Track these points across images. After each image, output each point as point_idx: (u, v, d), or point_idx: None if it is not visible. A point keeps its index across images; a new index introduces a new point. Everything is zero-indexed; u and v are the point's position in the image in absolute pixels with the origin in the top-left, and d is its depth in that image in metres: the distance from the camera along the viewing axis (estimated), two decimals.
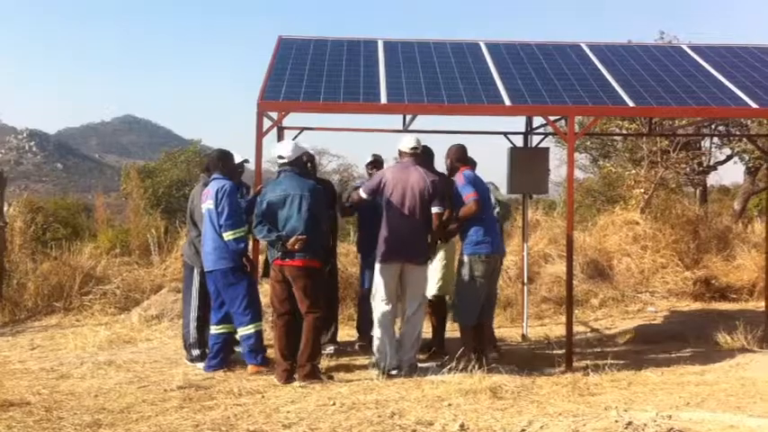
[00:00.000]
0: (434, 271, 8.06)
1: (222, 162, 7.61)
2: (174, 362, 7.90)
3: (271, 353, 7.40)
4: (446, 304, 8.37)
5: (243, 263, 7.31)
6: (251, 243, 7.59)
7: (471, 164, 7.98)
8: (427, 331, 8.22)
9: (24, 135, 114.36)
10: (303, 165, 7.42)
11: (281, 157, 7.18)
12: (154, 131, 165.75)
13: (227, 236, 7.21)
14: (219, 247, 7.27)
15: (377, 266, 7.41)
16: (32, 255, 12.19)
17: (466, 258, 7.57)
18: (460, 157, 7.76)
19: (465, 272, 7.57)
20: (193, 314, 7.80)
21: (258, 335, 7.34)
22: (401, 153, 7.59)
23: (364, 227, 8.44)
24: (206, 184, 7.78)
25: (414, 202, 7.27)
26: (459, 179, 7.56)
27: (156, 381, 6.99)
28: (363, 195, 7.52)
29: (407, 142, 7.57)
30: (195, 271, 7.81)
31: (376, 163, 8.76)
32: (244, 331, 7.31)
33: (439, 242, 7.80)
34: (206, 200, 7.42)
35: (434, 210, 7.34)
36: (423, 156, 7.78)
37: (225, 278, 7.32)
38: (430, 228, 7.40)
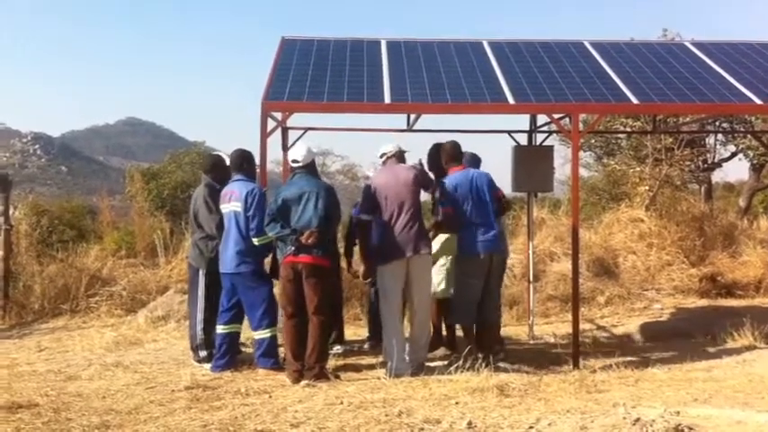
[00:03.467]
0: (437, 272, 8.03)
1: (246, 162, 7.61)
2: (182, 363, 7.91)
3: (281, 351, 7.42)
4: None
5: (264, 267, 7.34)
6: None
7: (475, 160, 8.00)
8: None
9: (29, 138, 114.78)
10: (315, 167, 7.48)
11: (295, 161, 7.23)
12: (158, 133, 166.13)
13: (258, 241, 7.23)
14: (243, 250, 7.29)
15: (383, 268, 7.40)
16: (38, 257, 12.21)
17: (458, 258, 7.58)
18: (447, 159, 7.79)
19: (457, 271, 7.60)
20: (200, 315, 7.79)
21: (273, 339, 7.36)
22: (384, 159, 7.68)
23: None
24: (210, 186, 7.77)
25: (408, 196, 7.30)
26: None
27: (164, 381, 7.01)
28: (367, 217, 7.44)
29: (384, 149, 7.67)
30: (200, 272, 7.81)
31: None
32: (260, 335, 7.34)
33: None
34: (230, 201, 7.40)
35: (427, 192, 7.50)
36: (431, 157, 7.99)
37: (246, 281, 7.33)
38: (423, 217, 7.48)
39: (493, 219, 7.78)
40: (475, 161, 8.19)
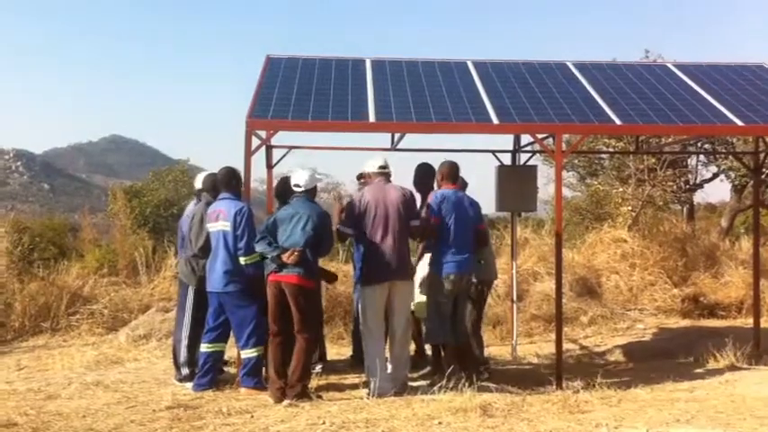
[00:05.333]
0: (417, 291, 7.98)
1: (235, 180, 7.59)
2: (163, 382, 7.85)
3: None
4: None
5: (254, 286, 7.30)
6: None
7: (462, 184, 8.00)
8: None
9: (11, 155, 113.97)
10: (315, 193, 7.47)
11: (297, 186, 7.24)
12: (141, 151, 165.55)
13: (245, 260, 7.21)
14: (231, 269, 7.24)
15: (365, 289, 7.39)
16: (19, 275, 12.11)
17: (429, 278, 7.57)
18: (444, 176, 7.74)
19: (429, 291, 7.56)
20: (185, 332, 7.75)
21: (259, 359, 7.32)
22: (369, 175, 7.60)
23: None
24: (210, 204, 7.74)
25: (396, 219, 7.28)
26: (429, 197, 7.60)
27: (145, 401, 6.95)
28: (349, 231, 7.43)
29: (375, 162, 7.61)
30: (190, 290, 7.77)
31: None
32: (246, 354, 7.29)
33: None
34: (217, 219, 7.36)
35: (413, 224, 7.42)
36: (419, 177, 8.05)
37: (234, 300, 7.29)
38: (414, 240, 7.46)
39: (470, 242, 7.65)
40: (462, 185, 8.21)
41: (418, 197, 7.89)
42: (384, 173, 7.54)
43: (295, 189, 7.27)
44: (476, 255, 7.75)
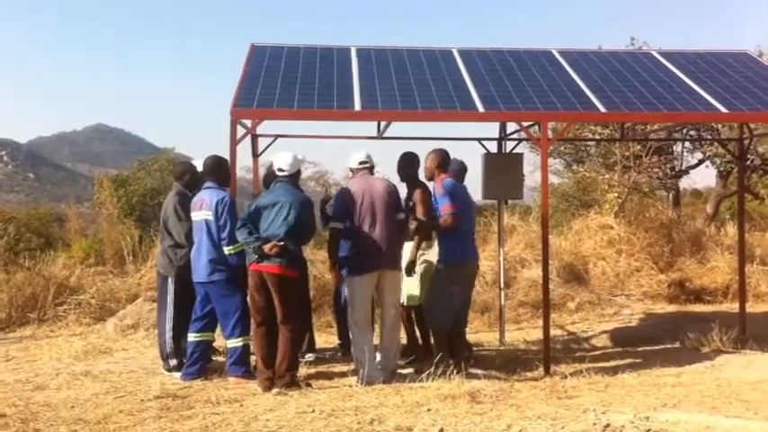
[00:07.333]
0: (412, 279, 8.00)
1: (220, 170, 7.53)
2: (151, 371, 7.84)
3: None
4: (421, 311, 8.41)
5: (238, 275, 7.28)
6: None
7: (463, 168, 8.12)
8: (402, 337, 8.22)
9: None
10: (299, 177, 7.44)
11: (280, 170, 7.20)
12: (127, 140, 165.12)
13: (229, 250, 7.19)
14: (215, 258, 7.23)
15: (353, 279, 7.38)
16: (5, 266, 12.08)
17: (443, 266, 7.59)
18: (440, 163, 7.78)
19: (442, 280, 7.58)
20: (169, 324, 7.74)
21: (245, 348, 7.32)
22: (353, 171, 7.65)
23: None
24: (181, 194, 7.73)
25: (382, 208, 7.29)
26: (437, 188, 7.59)
27: (133, 391, 6.94)
28: (340, 225, 7.35)
29: (356, 158, 7.62)
30: (170, 280, 7.76)
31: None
32: (232, 344, 7.29)
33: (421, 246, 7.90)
34: (200, 209, 7.34)
35: (399, 217, 7.44)
36: (403, 166, 8.02)
37: (219, 290, 7.28)
38: (400, 233, 7.47)
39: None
40: (462, 169, 8.30)
41: (403, 187, 7.95)
42: (366, 166, 7.58)
43: (278, 174, 7.23)
44: None
